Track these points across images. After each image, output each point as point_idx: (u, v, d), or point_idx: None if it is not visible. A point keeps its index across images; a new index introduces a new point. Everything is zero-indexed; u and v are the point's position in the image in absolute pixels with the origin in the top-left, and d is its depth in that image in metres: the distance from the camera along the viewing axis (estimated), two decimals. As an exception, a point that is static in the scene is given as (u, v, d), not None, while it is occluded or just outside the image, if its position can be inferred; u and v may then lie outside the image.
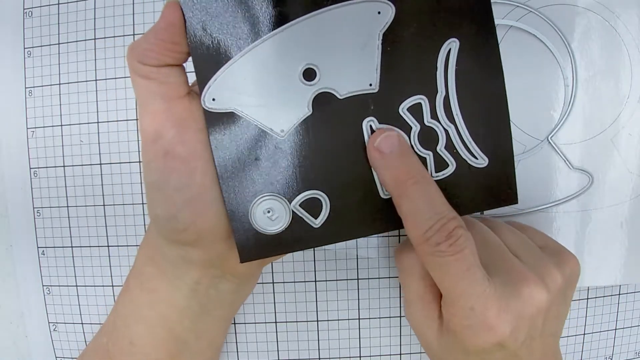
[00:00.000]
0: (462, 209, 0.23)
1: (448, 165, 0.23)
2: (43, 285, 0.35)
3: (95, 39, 0.34)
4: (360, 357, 0.35)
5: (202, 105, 0.21)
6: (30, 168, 0.35)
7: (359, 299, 0.34)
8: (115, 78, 0.33)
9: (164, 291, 0.25)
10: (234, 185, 0.22)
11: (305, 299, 0.34)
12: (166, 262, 0.24)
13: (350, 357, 0.35)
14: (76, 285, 0.35)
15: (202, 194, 0.22)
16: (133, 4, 0.33)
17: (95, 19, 0.33)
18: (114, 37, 0.33)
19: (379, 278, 0.34)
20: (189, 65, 0.21)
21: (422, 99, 0.22)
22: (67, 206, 0.35)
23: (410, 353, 0.35)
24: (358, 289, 0.34)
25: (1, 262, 0.36)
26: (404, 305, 0.27)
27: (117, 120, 0.34)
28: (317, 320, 0.34)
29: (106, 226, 0.34)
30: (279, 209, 0.22)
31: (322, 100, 0.22)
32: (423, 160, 0.23)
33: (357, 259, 0.34)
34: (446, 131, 0.22)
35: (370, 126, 0.22)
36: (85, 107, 0.34)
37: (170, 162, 0.21)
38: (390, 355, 0.35)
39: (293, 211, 0.22)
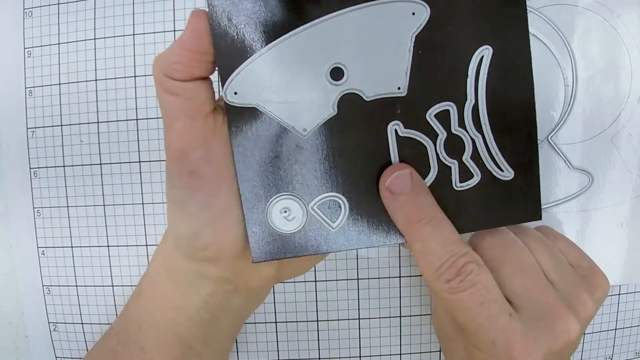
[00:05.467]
0: (484, 223, 0.23)
1: (473, 176, 0.22)
2: (43, 285, 0.35)
3: (95, 39, 0.33)
4: (360, 357, 0.35)
5: (224, 99, 0.20)
6: (30, 168, 0.35)
7: (359, 299, 0.34)
8: (115, 78, 0.33)
9: (176, 300, 0.25)
10: (252, 181, 0.21)
11: (305, 299, 0.34)
12: (181, 274, 0.24)
13: (350, 357, 0.35)
14: (76, 285, 0.35)
15: (225, 214, 0.22)
16: (133, 4, 0.33)
17: (95, 19, 0.33)
18: (114, 37, 0.33)
19: (379, 278, 0.34)
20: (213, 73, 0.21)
21: (450, 106, 0.21)
22: (67, 206, 0.35)
23: (410, 353, 0.35)
24: (358, 289, 0.34)
25: (1, 262, 0.36)
26: (431, 319, 0.27)
27: (117, 120, 0.34)
28: (317, 320, 0.34)
29: (106, 226, 0.34)
30: (295, 209, 0.22)
31: (348, 102, 0.21)
32: (448, 170, 0.22)
33: (357, 259, 0.34)
34: (473, 141, 0.22)
35: (396, 130, 0.21)
36: (85, 107, 0.34)
37: (195, 181, 0.21)
38: (390, 355, 0.35)
39: (310, 212, 0.22)
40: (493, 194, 0.22)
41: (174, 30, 0.33)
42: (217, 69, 0.20)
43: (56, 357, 0.36)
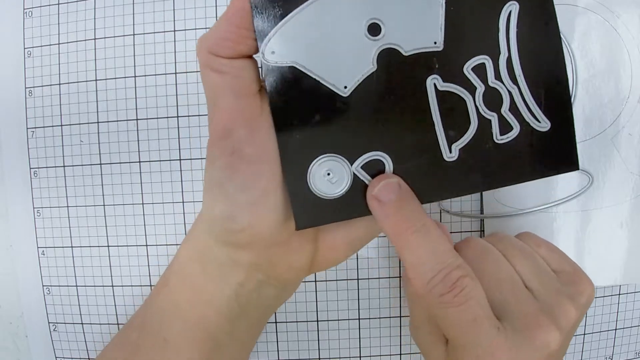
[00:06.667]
0: (524, 176, 0.23)
1: (512, 128, 0.22)
2: (43, 285, 0.35)
3: (95, 39, 0.34)
4: (360, 357, 0.35)
5: (261, 59, 0.20)
6: (30, 168, 0.35)
7: (359, 299, 0.34)
8: (115, 78, 0.33)
9: (206, 290, 0.24)
10: (292, 144, 0.21)
11: (305, 299, 0.34)
12: (212, 261, 0.24)
13: (350, 357, 0.35)
14: (76, 285, 0.35)
15: (265, 198, 0.21)
16: (133, 4, 0.33)
17: (95, 19, 0.33)
18: (114, 37, 0.33)
19: (379, 278, 0.34)
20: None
21: (485, 59, 0.21)
22: (67, 206, 0.35)
23: (411, 353, 0.35)
24: (358, 289, 0.34)
25: (1, 262, 0.36)
26: (409, 326, 0.26)
27: (117, 120, 0.34)
28: (317, 320, 0.34)
29: (106, 226, 0.34)
30: (339, 171, 0.21)
31: (387, 57, 0.21)
32: (487, 123, 0.22)
33: (357, 259, 0.34)
34: (510, 93, 0.22)
35: (435, 85, 0.21)
36: (85, 107, 0.34)
37: (236, 162, 0.21)
38: (390, 355, 0.35)
39: (354, 174, 0.21)
40: (532, 145, 0.22)
41: (174, 31, 0.33)
42: (254, 28, 0.20)
43: (56, 357, 0.36)
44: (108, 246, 0.34)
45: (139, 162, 0.34)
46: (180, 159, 0.34)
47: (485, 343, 0.21)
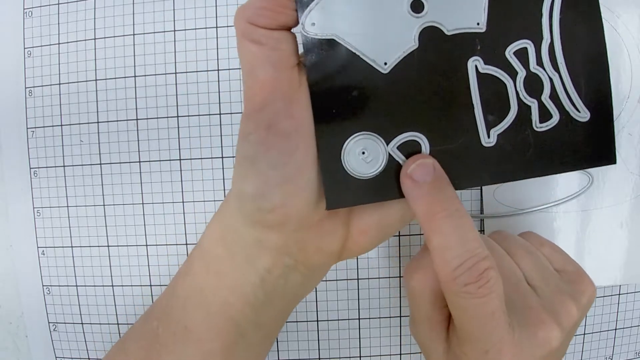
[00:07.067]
0: (561, 166, 0.22)
1: (552, 116, 0.22)
2: (43, 285, 0.35)
3: (95, 39, 0.34)
4: (360, 357, 0.35)
5: (301, 30, 0.20)
6: (30, 168, 0.35)
7: (359, 299, 0.34)
8: (115, 78, 0.33)
9: (231, 276, 0.23)
10: (328, 120, 0.20)
11: (305, 299, 0.34)
12: (239, 244, 0.23)
13: (350, 357, 0.35)
14: (76, 285, 0.35)
15: (299, 176, 0.20)
16: (133, 4, 0.33)
17: (95, 19, 0.33)
18: (114, 37, 0.33)
19: (379, 278, 0.34)
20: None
21: (528, 44, 0.21)
22: (67, 206, 0.35)
23: (410, 353, 0.35)
24: (358, 289, 0.34)
25: (1, 262, 0.36)
26: (409, 322, 0.26)
27: (117, 120, 0.34)
28: (317, 320, 0.34)
29: (106, 226, 0.34)
30: (374, 150, 0.21)
31: (429, 35, 0.20)
32: (527, 109, 0.21)
33: (357, 259, 0.34)
34: (551, 80, 0.21)
35: (476, 67, 0.21)
36: (85, 107, 0.34)
37: (271, 137, 0.20)
38: (390, 355, 0.35)
39: (389, 154, 0.21)
40: (570, 135, 0.22)
41: (174, 31, 0.33)
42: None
43: (56, 357, 0.36)
44: (108, 246, 0.34)
45: (139, 162, 0.34)
46: (180, 159, 0.34)
47: (497, 338, 0.21)
